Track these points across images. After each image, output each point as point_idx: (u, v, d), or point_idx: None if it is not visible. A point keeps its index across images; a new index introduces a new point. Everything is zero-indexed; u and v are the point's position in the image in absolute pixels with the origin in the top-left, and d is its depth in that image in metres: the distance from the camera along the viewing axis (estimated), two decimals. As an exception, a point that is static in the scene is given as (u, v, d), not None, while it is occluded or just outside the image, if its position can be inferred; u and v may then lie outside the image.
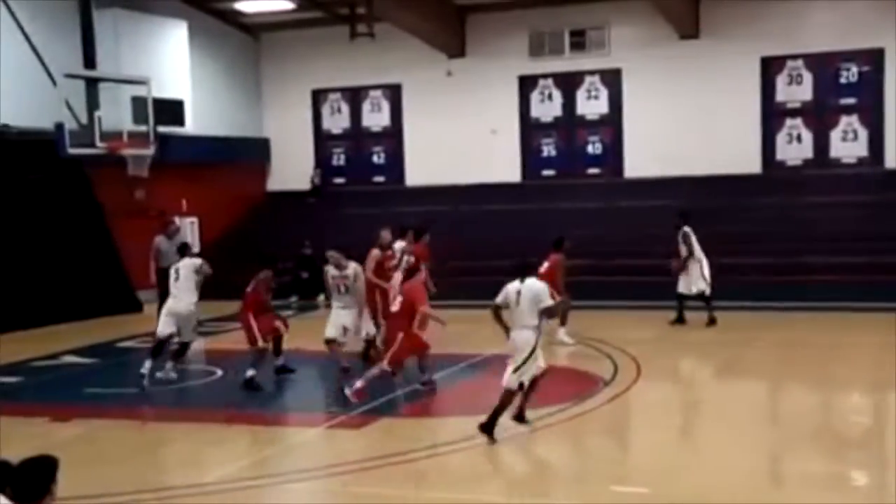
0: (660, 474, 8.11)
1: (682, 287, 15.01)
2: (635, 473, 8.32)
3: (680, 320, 15.02)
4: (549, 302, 9.15)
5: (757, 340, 14.13)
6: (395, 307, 11.03)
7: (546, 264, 13.95)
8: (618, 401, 10.62)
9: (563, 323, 14.00)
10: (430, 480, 8.16)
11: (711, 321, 14.85)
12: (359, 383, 10.48)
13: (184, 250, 12.79)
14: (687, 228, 14.93)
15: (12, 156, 16.31)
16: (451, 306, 17.15)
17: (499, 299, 9.33)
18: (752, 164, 19.95)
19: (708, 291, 14.94)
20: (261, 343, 11.79)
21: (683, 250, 14.85)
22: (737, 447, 8.82)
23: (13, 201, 16.35)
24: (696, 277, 14.90)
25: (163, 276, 15.49)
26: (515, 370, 9.01)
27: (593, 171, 21.45)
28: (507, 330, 9.21)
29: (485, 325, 11.41)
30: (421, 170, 22.31)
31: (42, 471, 4.55)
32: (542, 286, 9.27)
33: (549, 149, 21.72)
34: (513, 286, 9.31)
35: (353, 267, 11.59)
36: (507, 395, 9.06)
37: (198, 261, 12.43)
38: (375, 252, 12.98)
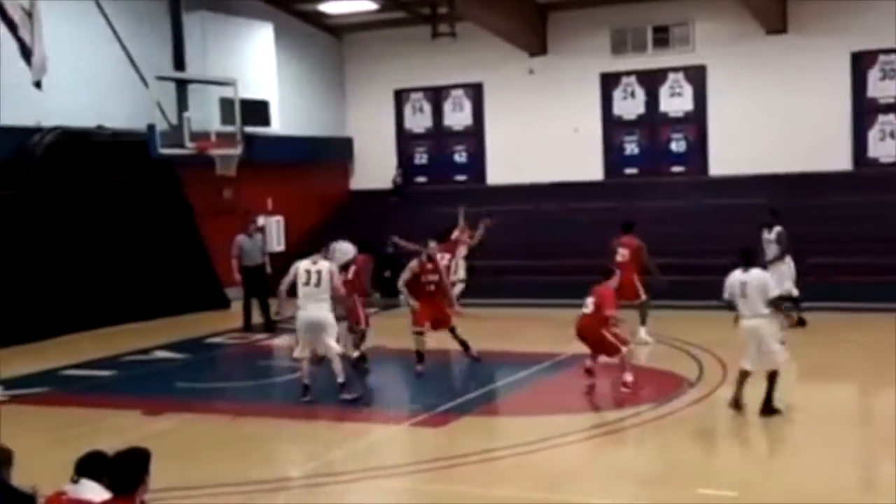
0: (748, 478, 7.90)
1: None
2: (723, 476, 8.10)
3: None
4: (776, 292, 9.43)
5: (846, 342, 13.67)
6: (587, 309, 10.91)
7: (627, 251, 13.69)
8: (704, 402, 10.39)
9: (642, 322, 13.79)
10: (509, 479, 8.09)
11: (800, 322, 14.42)
12: (629, 376, 10.71)
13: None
14: (781, 228, 14.37)
15: (106, 156, 16.75)
16: (534, 305, 17.13)
17: (725, 294, 9.61)
18: (842, 161, 19.34)
19: (795, 292, 14.51)
20: (363, 325, 12.35)
21: (774, 249, 14.27)
22: (827, 451, 8.53)
23: (107, 200, 16.79)
24: (786, 277, 14.38)
25: (246, 274, 15.93)
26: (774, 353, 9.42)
27: (677, 168, 21.07)
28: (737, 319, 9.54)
29: (566, 325, 11.36)
30: (502, 168, 22.22)
31: (136, 462, 4.65)
32: (768, 276, 9.58)
33: (631, 147, 21.41)
34: (735, 277, 9.49)
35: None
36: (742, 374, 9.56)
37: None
38: (413, 263, 12.48)
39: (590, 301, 10.93)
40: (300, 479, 8.26)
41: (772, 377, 9.51)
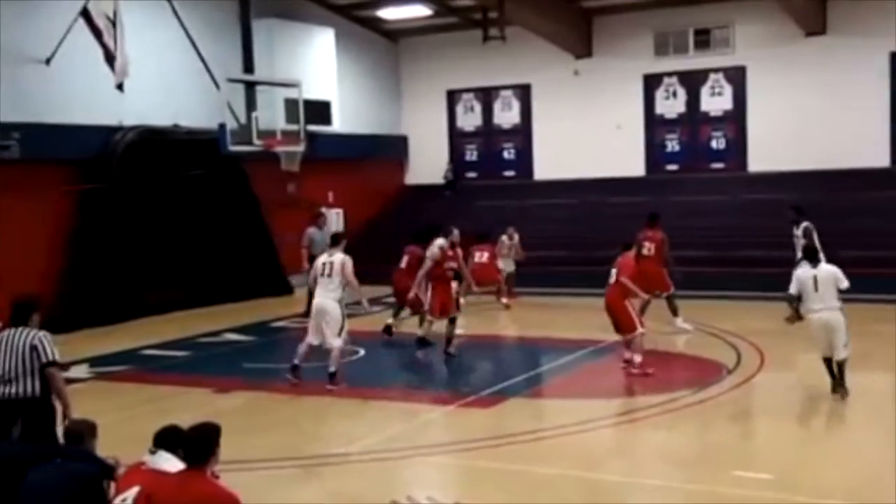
0: (784, 462, 7.79)
1: None
2: (759, 460, 8.01)
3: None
4: (845, 283, 9.29)
5: (882, 333, 13.33)
6: (612, 279, 11.08)
7: (652, 245, 13.24)
8: (741, 388, 10.26)
9: (675, 313, 13.51)
10: (553, 458, 8.08)
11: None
12: (637, 357, 10.79)
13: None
14: (808, 223, 13.61)
15: (181, 153, 17.00)
16: (579, 294, 17.04)
17: (793, 289, 9.56)
18: (879, 158, 18.88)
19: None
20: (425, 308, 12.53)
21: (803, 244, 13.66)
22: (864, 439, 8.37)
23: (181, 194, 17.05)
24: None
25: (313, 262, 16.12)
26: (845, 345, 9.32)
27: (717, 165, 20.80)
28: (799, 316, 9.54)
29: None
30: (549, 164, 22.13)
31: (208, 436, 4.74)
32: (837, 269, 9.43)
33: (672, 144, 21.17)
34: (805, 273, 9.45)
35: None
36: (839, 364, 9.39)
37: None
38: (435, 251, 12.15)
39: (613, 271, 11.08)
40: (353, 455, 8.33)
41: (840, 365, 9.45)
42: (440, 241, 12.38)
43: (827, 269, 9.47)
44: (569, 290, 17.41)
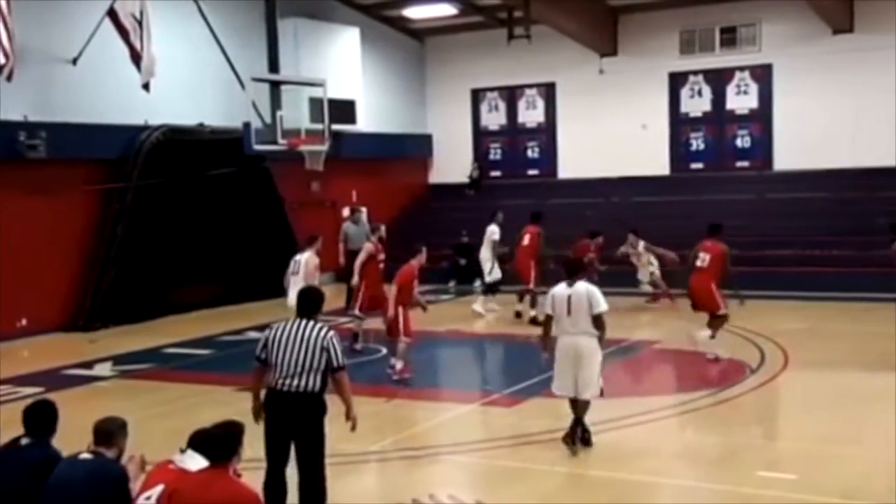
0: (808, 463, 7.73)
1: None
2: (783, 460, 7.96)
3: None
4: (601, 307, 8.15)
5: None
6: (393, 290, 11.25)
7: (527, 237, 13.42)
8: (764, 388, 10.19)
9: (531, 303, 13.16)
10: (575, 458, 8.06)
11: None
12: (399, 364, 10.91)
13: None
14: None
15: (206, 152, 17.11)
16: (604, 293, 16.97)
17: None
18: (907, 156, 18.66)
19: None
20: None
21: None
22: (890, 441, 8.25)
23: (205, 193, 17.16)
24: None
25: (351, 257, 16.27)
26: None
27: (742, 164, 20.65)
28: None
29: (630, 313, 11.26)
30: (573, 163, 22.06)
31: (231, 435, 4.78)
32: (586, 292, 8.24)
33: (697, 142, 21.05)
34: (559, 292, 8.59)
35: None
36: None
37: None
38: (369, 245, 12.66)
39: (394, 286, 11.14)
40: (376, 454, 8.35)
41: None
42: (373, 237, 12.91)
43: (579, 289, 8.16)
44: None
